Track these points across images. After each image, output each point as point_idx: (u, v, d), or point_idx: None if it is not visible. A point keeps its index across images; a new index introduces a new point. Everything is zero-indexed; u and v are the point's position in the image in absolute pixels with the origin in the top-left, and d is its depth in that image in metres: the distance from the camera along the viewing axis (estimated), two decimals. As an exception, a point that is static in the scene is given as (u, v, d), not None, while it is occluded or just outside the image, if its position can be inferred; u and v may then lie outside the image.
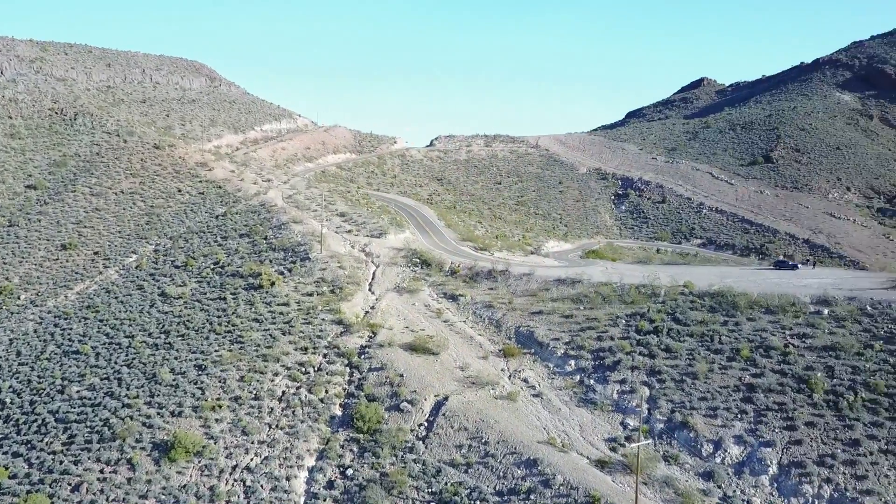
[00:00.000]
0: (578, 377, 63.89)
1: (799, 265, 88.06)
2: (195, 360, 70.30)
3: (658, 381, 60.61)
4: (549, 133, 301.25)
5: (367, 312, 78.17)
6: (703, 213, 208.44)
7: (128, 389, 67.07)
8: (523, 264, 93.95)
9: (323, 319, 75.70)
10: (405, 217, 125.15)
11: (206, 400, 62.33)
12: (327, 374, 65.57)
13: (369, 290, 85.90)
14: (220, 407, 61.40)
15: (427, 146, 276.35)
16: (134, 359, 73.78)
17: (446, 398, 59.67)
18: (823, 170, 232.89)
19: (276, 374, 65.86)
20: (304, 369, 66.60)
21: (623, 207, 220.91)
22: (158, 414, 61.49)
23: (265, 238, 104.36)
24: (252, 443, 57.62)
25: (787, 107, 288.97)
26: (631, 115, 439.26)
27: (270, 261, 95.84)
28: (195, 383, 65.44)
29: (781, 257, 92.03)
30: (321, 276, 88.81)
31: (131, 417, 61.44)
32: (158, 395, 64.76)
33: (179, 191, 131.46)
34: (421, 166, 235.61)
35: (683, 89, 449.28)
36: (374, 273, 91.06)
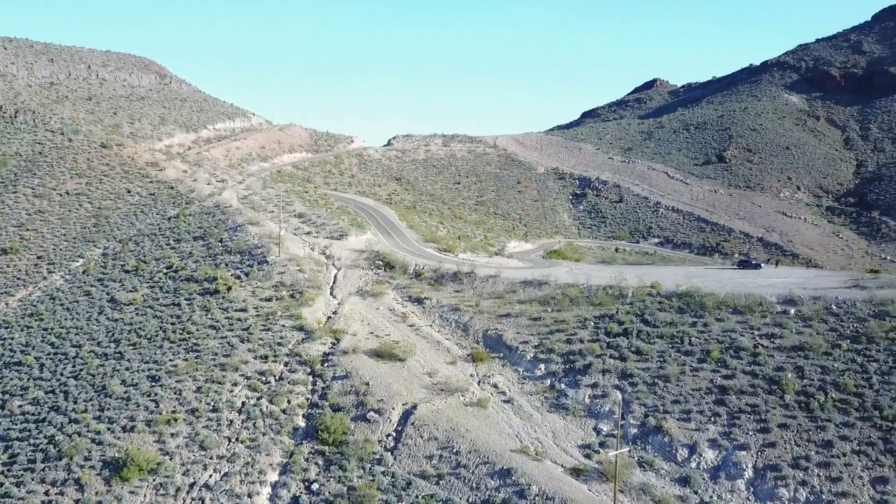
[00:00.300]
0: (549, 381, 62.54)
1: (762, 265, 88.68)
2: (148, 370, 66.69)
3: (630, 384, 59.65)
4: (506, 133, 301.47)
5: (329, 318, 75.52)
6: (660, 213, 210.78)
7: (75, 403, 63.17)
8: (489, 266, 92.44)
9: (283, 326, 72.81)
10: (366, 218, 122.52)
11: (160, 413, 58.98)
12: (289, 383, 62.83)
13: (331, 294, 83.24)
14: (175, 420, 58.13)
15: (385, 145, 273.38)
16: (82, 370, 69.71)
17: (415, 406, 57.61)
18: (774, 169, 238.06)
19: (234, 385, 62.83)
20: (264, 379, 63.71)
21: (581, 207, 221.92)
22: (109, 429, 57.89)
23: (220, 240, 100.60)
24: (210, 458, 54.58)
25: (738, 107, 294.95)
26: (586, 114, 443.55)
27: (226, 264, 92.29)
28: (148, 395, 61.97)
29: (744, 257, 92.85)
30: (280, 279, 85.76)
31: (79, 434, 57.70)
32: (109, 408, 61.08)
33: (129, 192, 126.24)
34: (379, 166, 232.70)
35: (637, 90, 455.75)
36: (335, 276, 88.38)
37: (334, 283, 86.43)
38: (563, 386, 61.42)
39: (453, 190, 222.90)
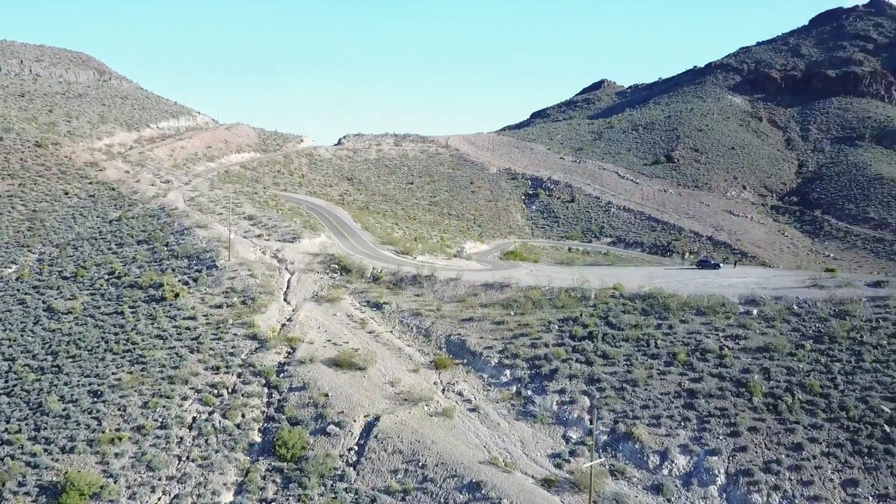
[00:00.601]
0: (515, 388, 60.80)
1: (720, 264, 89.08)
2: (89, 385, 62.38)
3: (598, 389, 58.37)
4: (457, 133, 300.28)
5: (283, 325, 72.24)
6: (612, 212, 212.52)
7: (7, 423, 58.50)
8: (448, 268, 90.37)
9: (235, 334, 69.27)
10: (319, 219, 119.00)
11: (103, 432, 54.99)
12: (243, 395, 59.50)
13: (285, 300, 79.87)
14: (119, 439, 54.25)
15: (335, 145, 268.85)
16: (15, 386, 64.84)
17: (377, 418, 55.08)
18: (721, 169, 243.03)
19: (184, 399, 59.18)
20: (216, 391, 60.22)
21: (534, 207, 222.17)
22: (46, 451, 53.65)
23: (166, 244, 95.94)
24: (159, 479, 51.00)
25: (685, 108, 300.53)
26: (536, 115, 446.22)
27: (173, 269, 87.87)
28: (90, 412, 57.83)
29: (703, 257, 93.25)
30: (230, 285, 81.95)
31: (12, 457, 53.31)
32: (45, 428, 56.73)
33: (66, 193, 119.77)
34: (330, 165, 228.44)
35: (585, 90, 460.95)
36: (289, 281, 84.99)
37: (288, 288, 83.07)
38: (529, 392, 59.76)
39: (406, 190, 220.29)
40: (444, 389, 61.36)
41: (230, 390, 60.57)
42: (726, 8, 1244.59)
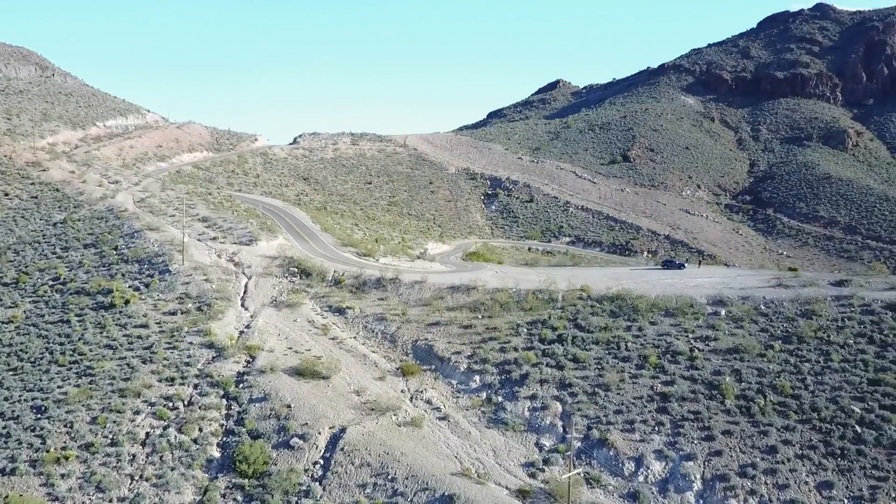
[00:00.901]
0: (485, 394, 59.16)
1: (685, 264, 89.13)
2: (32, 400, 58.46)
3: (570, 394, 57.13)
4: (414, 132, 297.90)
5: (242, 332, 69.15)
6: (570, 212, 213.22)
7: (-58, 443, 54.26)
8: (412, 270, 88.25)
9: (190, 343, 65.97)
10: (276, 221, 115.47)
11: (47, 451, 51.34)
12: (200, 408, 56.41)
13: (242, 305, 76.67)
14: (66, 459, 50.69)
15: (290, 144, 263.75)
16: (-50, 402, 60.37)
17: (343, 430, 52.74)
18: (676, 168, 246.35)
19: (136, 413, 55.82)
20: (171, 404, 57.01)
21: (493, 207, 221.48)
22: (-16, 473, 49.78)
23: (115, 248, 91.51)
24: (110, 501, 47.79)
25: (640, 108, 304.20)
26: (492, 115, 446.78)
27: (123, 275, 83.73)
28: (33, 430, 54.04)
29: (668, 257, 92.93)
30: (185, 291, 78.35)
31: (-53, 481, 49.29)
32: (-16, 448, 52.73)
33: (6, 194, 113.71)
34: (285, 165, 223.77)
35: (541, 90, 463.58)
36: (246, 286, 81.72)
37: (245, 293, 79.82)
38: (500, 399, 58.17)
39: (364, 190, 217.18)
40: (412, 397, 59.31)
41: (186, 403, 57.42)
42: (676, 9, 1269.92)
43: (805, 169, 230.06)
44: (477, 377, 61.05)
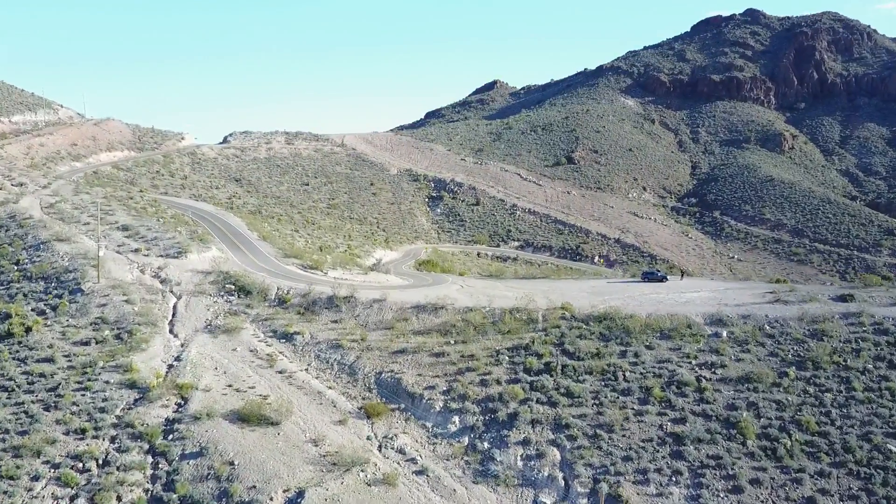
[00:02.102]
0: (468, 440, 50.15)
1: (667, 276, 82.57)
2: None
3: (568, 437, 48.75)
4: (350, 132, 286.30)
5: (171, 367, 58.01)
6: (517, 215, 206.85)
7: None
8: (367, 285, 78.49)
9: (107, 382, 54.49)
10: (208, 228, 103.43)
11: (-88, 539, 39.51)
12: (119, 469, 45.34)
13: (171, 332, 65.30)
14: (-63, 549, 39.05)
15: (221, 143, 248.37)
16: None
17: (301, 493, 42.82)
18: (620, 170, 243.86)
19: (35, 479, 44.34)
20: (81, 465, 45.70)
21: (438, 210, 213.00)
22: None
23: (16, 263, 78.26)
24: None
25: (581, 110, 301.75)
26: (430, 115, 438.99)
27: (25, 295, 70.94)
28: None
29: (648, 268, 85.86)
30: (101, 315, 66.43)
31: None
32: None
33: None
34: (216, 165, 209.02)
35: (478, 91, 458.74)
36: (175, 307, 70.23)
37: (175, 316, 68.38)
38: (486, 445, 49.26)
39: (302, 192, 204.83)
40: (381, 446, 49.72)
41: (101, 462, 46.21)
42: (609, 11, 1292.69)
43: (747, 171, 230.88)
44: (456, 418, 51.99)
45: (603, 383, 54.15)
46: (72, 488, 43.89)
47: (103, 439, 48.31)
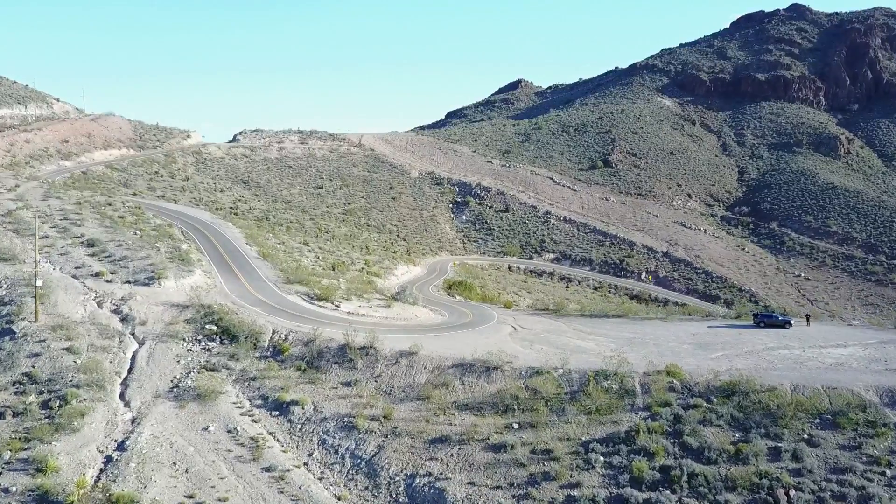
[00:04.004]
0: None
1: (791, 321, 63.44)
2: None
3: None
4: (369, 131, 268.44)
5: (108, 461, 39.87)
6: (552, 224, 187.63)
7: None
8: (390, 324, 60.21)
9: (5, 490, 36.46)
10: (197, 243, 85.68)
11: None
12: None
13: (122, 398, 47.23)
14: None
15: (230, 142, 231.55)
16: None
17: None
18: (662, 175, 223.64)
19: None
20: None
21: (464, 217, 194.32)
22: None
23: (-62, 291, 60.58)
24: None
25: (615, 110, 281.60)
26: (451, 114, 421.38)
27: (-64, 338, 53.18)
28: None
29: (764, 309, 65.83)
30: (29, 369, 48.59)
31: None
32: None
33: None
34: (222, 166, 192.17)
35: (502, 90, 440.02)
36: (134, 358, 52.16)
37: (131, 372, 50.29)
38: None
39: (315, 196, 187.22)
40: None
41: None
42: (640, 9, 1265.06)
43: (804, 178, 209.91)
44: (534, 567, 33.28)
45: (758, 509, 35.19)
46: None
47: None
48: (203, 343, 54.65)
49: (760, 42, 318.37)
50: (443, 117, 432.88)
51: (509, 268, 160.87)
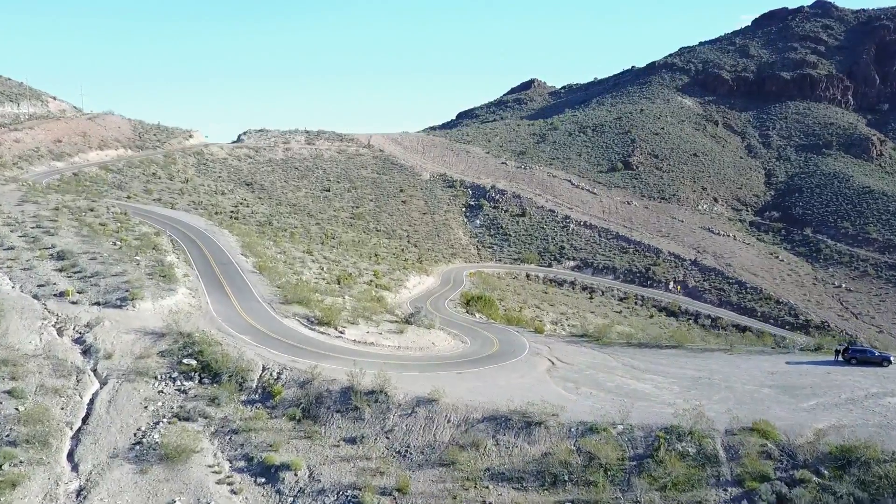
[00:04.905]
0: None
1: (891, 357, 53.14)
2: None
3: None
4: (379, 132, 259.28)
5: (37, 557, 30.37)
6: (571, 229, 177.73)
7: None
8: (404, 356, 50.63)
9: None
10: (187, 254, 76.44)
11: None
12: None
13: (69, 460, 37.81)
14: None
15: (234, 142, 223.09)
16: None
17: None
18: (686, 178, 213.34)
19: None
20: None
21: (478, 221, 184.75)
22: None
23: None
24: None
25: (634, 109, 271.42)
26: (463, 115, 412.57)
27: None
28: None
29: (853, 343, 54.97)
30: (-39, 419, 39.13)
31: None
32: None
33: None
34: (225, 167, 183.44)
35: (514, 90, 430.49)
36: (92, 402, 42.74)
37: (86, 422, 40.87)
38: None
39: (322, 199, 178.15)
40: None
41: None
42: (648, 11, 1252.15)
43: (837, 181, 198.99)
44: None
45: None
46: None
47: None
48: (178, 382, 45.15)
49: (784, 40, 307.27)
50: (454, 118, 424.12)
51: (527, 276, 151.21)
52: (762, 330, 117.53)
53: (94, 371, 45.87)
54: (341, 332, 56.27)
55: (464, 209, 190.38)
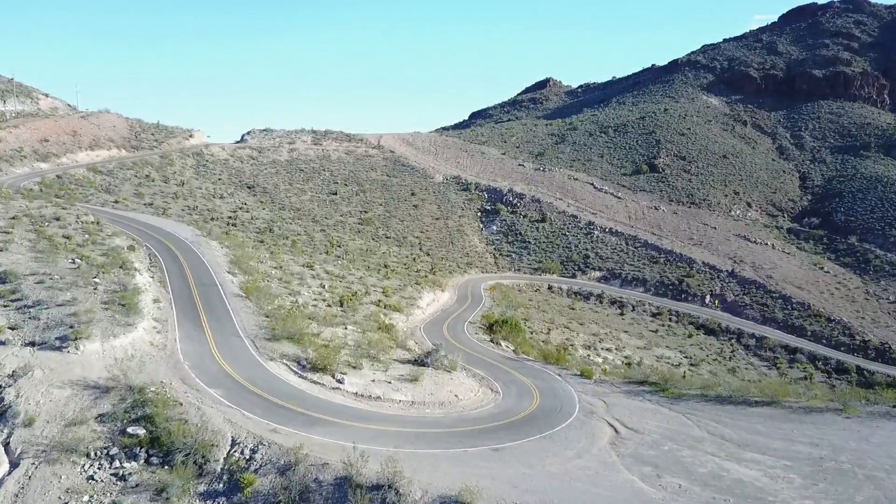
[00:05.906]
0: None
1: None
2: None
3: None
4: (390, 132, 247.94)
5: None
6: (595, 236, 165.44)
7: None
8: (419, 418, 38.71)
9: None
10: (163, 272, 64.99)
11: None
12: None
13: None
14: None
15: (237, 142, 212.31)
16: None
17: None
18: (717, 182, 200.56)
19: None
20: None
21: (494, 227, 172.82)
22: None
23: None
24: None
25: (657, 109, 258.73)
26: (475, 115, 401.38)
27: None
28: None
29: None
30: None
31: None
32: None
33: None
34: (226, 168, 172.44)
35: (529, 89, 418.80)
36: (-6, 495, 31.11)
37: (-24, 531, 29.24)
38: None
39: (328, 203, 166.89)
40: None
41: None
42: (661, 10, 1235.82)
43: (881, 185, 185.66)
44: None
45: None
46: None
47: None
48: (117, 463, 33.51)
49: (814, 36, 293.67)
50: (466, 118, 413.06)
51: (549, 288, 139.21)
52: (823, 354, 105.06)
53: (6, 446, 34.26)
54: (340, 382, 44.42)
55: (479, 214, 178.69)
